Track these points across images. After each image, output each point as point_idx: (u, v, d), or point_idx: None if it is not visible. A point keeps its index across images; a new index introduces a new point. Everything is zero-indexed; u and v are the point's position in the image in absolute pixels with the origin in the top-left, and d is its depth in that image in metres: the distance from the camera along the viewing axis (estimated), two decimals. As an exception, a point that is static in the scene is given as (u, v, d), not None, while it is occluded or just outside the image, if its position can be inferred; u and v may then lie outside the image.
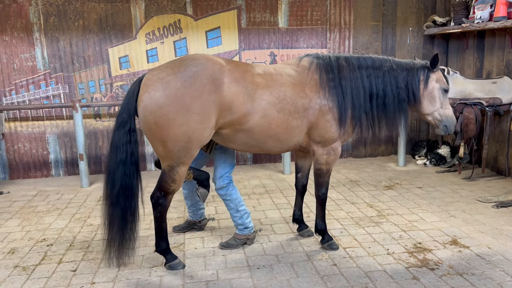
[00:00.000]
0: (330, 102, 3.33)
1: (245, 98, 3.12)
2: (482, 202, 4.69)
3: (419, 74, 3.48)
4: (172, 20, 6.12)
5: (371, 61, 3.46)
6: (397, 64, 3.47)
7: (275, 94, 3.21)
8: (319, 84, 3.34)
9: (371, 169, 6.24)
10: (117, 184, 3.11)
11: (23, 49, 5.87)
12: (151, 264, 3.45)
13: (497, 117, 5.56)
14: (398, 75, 3.44)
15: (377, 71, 3.43)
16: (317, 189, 3.66)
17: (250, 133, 3.23)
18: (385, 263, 3.39)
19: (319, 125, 3.36)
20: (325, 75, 3.36)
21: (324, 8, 6.43)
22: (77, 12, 5.89)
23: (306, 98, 3.30)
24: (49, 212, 4.74)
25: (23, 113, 6.03)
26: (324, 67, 3.39)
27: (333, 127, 3.38)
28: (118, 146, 3.12)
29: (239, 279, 3.20)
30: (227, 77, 3.08)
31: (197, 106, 2.98)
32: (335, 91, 3.34)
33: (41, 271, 3.39)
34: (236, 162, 6.65)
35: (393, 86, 3.43)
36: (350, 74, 3.38)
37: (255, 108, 3.15)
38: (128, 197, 3.14)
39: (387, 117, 3.49)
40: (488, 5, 5.31)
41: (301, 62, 3.46)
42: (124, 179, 3.12)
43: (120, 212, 3.13)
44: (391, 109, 3.46)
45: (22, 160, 6.12)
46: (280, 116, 3.23)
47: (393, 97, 3.44)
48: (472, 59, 6.18)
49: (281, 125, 3.25)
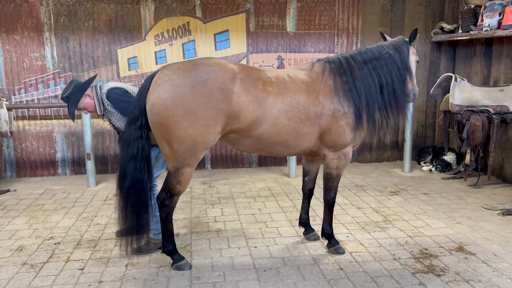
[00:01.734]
0: (345, 107, 3.34)
1: (254, 107, 3.10)
2: (488, 210, 4.69)
3: (405, 49, 3.57)
4: (181, 23, 6.16)
5: (371, 53, 3.51)
6: (389, 47, 3.54)
7: (287, 102, 3.19)
8: (333, 90, 3.34)
9: (376, 174, 6.25)
10: (128, 179, 3.14)
11: (33, 48, 5.92)
12: (158, 264, 3.47)
13: (504, 124, 5.57)
14: (395, 57, 3.52)
15: (380, 61, 3.49)
16: (325, 194, 3.67)
17: (258, 139, 3.23)
18: (391, 268, 3.40)
19: (332, 130, 3.36)
20: (339, 79, 3.36)
21: (332, 13, 6.45)
22: (87, 12, 5.94)
23: (319, 106, 3.29)
24: (56, 211, 4.77)
25: (32, 112, 6.07)
26: (337, 71, 3.39)
27: (346, 132, 3.38)
28: (129, 141, 3.15)
29: (245, 281, 3.21)
30: (237, 87, 3.06)
31: (203, 112, 2.98)
32: (350, 93, 3.35)
33: (49, 269, 3.41)
34: (241, 164, 6.68)
35: (395, 70, 3.50)
36: (360, 73, 3.41)
37: (265, 117, 3.14)
38: (138, 191, 3.16)
39: (397, 101, 3.54)
40: (497, 13, 5.32)
41: (314, 67, 3.44)
42: (135, 173, 3.14)
43: (131, 206, 3.17)
44: (399, 92, 3.52)
45: (29, 158, 6.16)
46: (290, 123, 3.22)
47: (398, 80, 3.51)
48: (479, 67, 6.19)
49: (290, 132, 3.25)
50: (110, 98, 3.56)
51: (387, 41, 3.65)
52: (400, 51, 3.53)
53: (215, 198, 5.20)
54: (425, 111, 7.00)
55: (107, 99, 3.57)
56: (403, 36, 3.66)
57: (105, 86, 3.66)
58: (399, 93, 3.52)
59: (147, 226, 3.27)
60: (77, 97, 3.55)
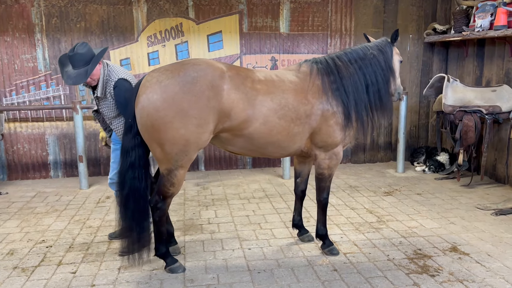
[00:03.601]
0: (334, 107, 3.35)
1: (245, 105, 3.11)
2: (481, 210, 4.71)
3: (389, 50, 3.61)
4: (174, 24, 6.14)
5: (356, 53, 3.53)
6: (373, 48, 3.57)
7: (277, 101, 3.21)
8: (321, 89, 3.36)
9: (370, 175, 6.26)
10: (127, 187, 3.15)
11: (24, 50, 5.87)
12: (151, 268, 3.44)
13: (496, 125, 5.60)
14: (378, 58, 3.54)
15: (364, 61, 3.51)
16: (318, 194, 3.67)
17: (250, 138, 3.23)
18: (385, 269, 3.39)
19: (322, 130, 3.37)
20: (327, 79, 3.38)
21: (325, 14, 6.46)
22: (79, 14, 5.90)
23: (309, 105, 3.31)
24: (48, 214, 4.72)
25: (23, 114, 6.01)
26: (324, 71, 3.41)
27: (336, 131, 3.39)
28: (127, 150, 3.17)
29: (239, 283, 3.19)
30: (227, 84, 3.07)
31: (195, 111, 2.97)
32: (338, 92, 3.37)
33: (41, 273, 3.37)
34: (235, 166, 6.66)
35: (379, 70, 3.53)
36: (347, 72, 3.43)
37: (256, 115, 3.15)
38: (137, 199, 3.16)
39: (382, 101, 3.55)
40: (489, 14, 5.35)
41: (302, 68, 3.48)
42: (134, 182, 3.14)
43: (130, 213, 3.16)
44: (383, 92, 3.55)
45: (21, 161, 6.10)
46: (281, 123, 3.23)
47: (382, 80, 3.54)
48: (471, 67, 6.22)
49: (282, 132, 3.25)
50: (116, 88, 3.48)
51: (371, 42, 3.68)
52: (383, 52, 3.57)
53: (208, 199, 5.18)
54: (418, 111, 7.03)
55: (113, 88, 3.48)
56: (386, 37, 3.70)
57: (114, 70, 3.54)
58: (383, 92, 3.55)
59: (149, 233, 3.25)
60: (92, 67, 3.41)
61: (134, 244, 3.19)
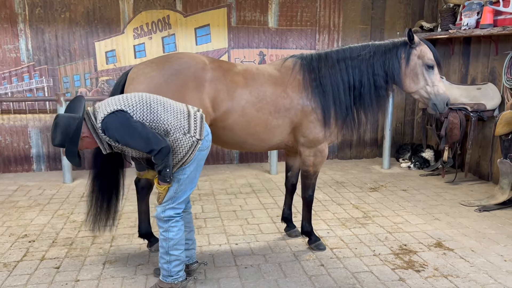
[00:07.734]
0: (313, 103, 3.35)
1: (225, 96, 3.20)
2: (465, 206, 4.77)
3: (400, 53, 3.32)
4: (161, 16, 6.05)
5: (349, 51, 3.39)
6: (376, 48, 3.36)
7: (255, 94, 3.27)
8: (302, 85, 3.37)
9: (356, 171, 6.29)
10: (104, 177, 3.22)
11: (7, 40, 5.72)
12: (137, 262, 3.40)
13: (481, 122, 5.67)
14: (375, 61, 3.32)
15: (354, 61, 3.35)
16: (303, 191, 3.68)
17: (231, 131, 3.30)
18: (371, 264, 3.41)
19: (302, 125, 3.39)
20: (308, 76, 3.38)
21: (313, 10, 6.44)
22: (63, 4, 5.77)
23: (288, 99, 3.33)
24: (30, 208, 4.63)
25: (5, 106, 5.87)
26: (307, 67, 3.41)
27: (317, 128, 3.39)
28: None
29: (226, 278, 3.17)
30: (209, 75, 3.18)
31: (178, 101, 3.01)
32: (317, 90, 3.36)
33: (23, 268, 3.30)
34: (222, 161, 6.62)
35: (369, 74, 3.33)
36: (329, 71, 3.36)
37: (235, 107, 3.23)
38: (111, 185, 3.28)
39: (365, 107, 3.41)
40: (475, 12, 5.40)
41: (286, 63, 3.49)
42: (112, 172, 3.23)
43: (103, 189, 3.27)
44: (367, 98, 3.36)
45: (2, 154, 5.96)
46: (259, 115, 3.28)
47: (369, 86, 3.34)
48: (457, 65, 6.28)
49: (260, 124, 3.31)
50: (108, 132, 2.54)
51: (382, 41, 3.44)
52: (388, 55, 3.32)
53: (195, 194, 5.14)
54: (404, 108, 7.08)
55: (102, 133, 2.55)
56: (405, 38, 3.34)
57: (98, 112, 2.59)
58: (368, 98, 3.35)
59: (114, 206, 3.34)
60: (72, 149, 2.54)
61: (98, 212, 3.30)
